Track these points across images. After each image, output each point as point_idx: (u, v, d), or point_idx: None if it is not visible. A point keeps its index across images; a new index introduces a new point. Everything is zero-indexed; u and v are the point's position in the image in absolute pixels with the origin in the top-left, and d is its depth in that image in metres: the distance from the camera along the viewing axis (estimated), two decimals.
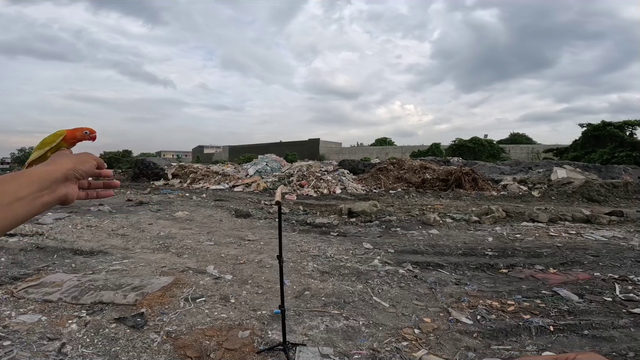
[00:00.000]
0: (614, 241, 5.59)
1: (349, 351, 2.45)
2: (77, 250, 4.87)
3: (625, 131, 23.15)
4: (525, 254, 4.89)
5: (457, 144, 33.20)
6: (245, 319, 2.90)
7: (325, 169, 16.01)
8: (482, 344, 2.56)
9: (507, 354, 2.42)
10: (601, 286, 3.63)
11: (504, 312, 3.06)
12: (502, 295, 3.43)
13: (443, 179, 13.69)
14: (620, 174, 15.43)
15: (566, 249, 5.13)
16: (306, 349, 2.45)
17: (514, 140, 43.40)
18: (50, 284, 3.51)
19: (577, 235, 6.02)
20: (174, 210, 8.64)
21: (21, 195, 0.47)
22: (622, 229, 6.61)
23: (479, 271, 4.20)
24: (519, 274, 4.06)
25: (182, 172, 17.53)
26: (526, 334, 2.69)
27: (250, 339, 2.59)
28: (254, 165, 18.30)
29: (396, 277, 3.93)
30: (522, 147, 37.13)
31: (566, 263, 4.44)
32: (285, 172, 15.88)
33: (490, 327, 2.79)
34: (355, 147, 50.92)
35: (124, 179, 19.56)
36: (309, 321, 2.88)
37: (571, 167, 15.32)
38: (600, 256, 4.70)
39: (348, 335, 2.68)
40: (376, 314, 3.03)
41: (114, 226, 6.56)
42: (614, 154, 21.45)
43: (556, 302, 3.25)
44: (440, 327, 2.81)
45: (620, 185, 11.03)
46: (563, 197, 10.85)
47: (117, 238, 5.71)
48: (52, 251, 4.77)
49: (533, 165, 18.09)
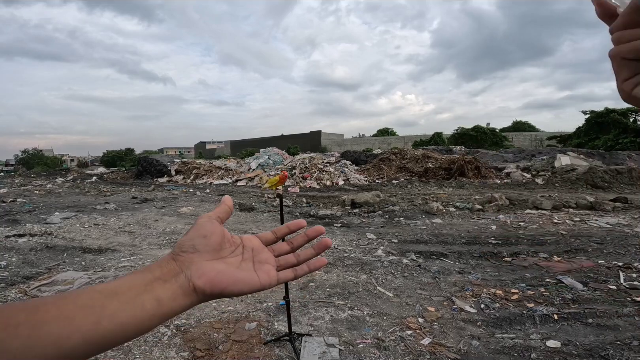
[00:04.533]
0: (619, 228, 5.58)
1: (354, 340, 2.49)
2: (86, 248, 4.94)
3: (629, 117, 22.92)
4: (528, 242, 4.90)
5: (459, 132, 32.99)
6: (252, 311, 2.95)
7: (328, 161, 16.01)
8: (486, 333, 2.59)
9: (511, 343, 2.45)
10: (605, 274, 3.64)
11: (508, 301, 3.09)
12: (506, 284, 3.46)
13: (446, 167, 13.66)
14: (624, 160, 15.32)
15: (570, 236, 5.13)
16: (312, 339, 2.49)
17: (516, 128, 43.06)
18: (61, 282, 3.57)
19: (581, 223, 6.02)
20: (178, 206, 8.71)
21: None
22: (626, 215, 6.59)
23: (483, 260, 4.22)
24: (522, 262, 4.08)
25: (185, 169, 17.61)
26: (530, 323, 2.72)
27: (257, 331, 2.64)
28: (256, 159, 18.32)
29: (400, 267, 3.97)
30: (525, 134, 36.87)
31: (570, 251, 4.45)
32: (288, 165, 15.90)
33: (494, 316, 2.82)
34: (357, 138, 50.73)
35: (127, 177, 19.68)
36: (314, 312, 2.93)
37: (575, 154, 15.23)
38: (604, 243, 4.71)
39: (353, 325, 2.72)
40: (380, 304, 3.06)
41: (121, 224, 6.63)
42: (618, 140, 21.30)
43: (560, 290, 3.27)
44: (444, 316, 2.84)
45: (624, 172, 10.95)
46: (567, 184, 10.81)
47: (124, 235, 5.77)
48: (62, 250, 4.84)
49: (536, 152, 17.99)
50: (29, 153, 42.88)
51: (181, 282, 0.36)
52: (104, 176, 21.22)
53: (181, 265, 0.37)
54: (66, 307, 0.30)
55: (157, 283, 0.35)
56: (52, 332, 0.29)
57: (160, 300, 0.35)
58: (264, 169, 16.43)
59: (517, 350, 2.34)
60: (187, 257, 0.38)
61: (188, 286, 0.36)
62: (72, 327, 0.29)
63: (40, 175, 23.50)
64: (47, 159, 42.38)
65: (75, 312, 0.30)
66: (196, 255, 0.38)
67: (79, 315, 0.30)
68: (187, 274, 0.37)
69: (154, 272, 0.36)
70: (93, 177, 19.81)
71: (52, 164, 40.14)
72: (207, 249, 0.39)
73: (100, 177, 20.59)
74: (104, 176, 21.20)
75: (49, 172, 27.87)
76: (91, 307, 0.31)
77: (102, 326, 0.31)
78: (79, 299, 0.31)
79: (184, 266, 0.37)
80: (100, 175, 22.03)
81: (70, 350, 0.29)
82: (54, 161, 42.61)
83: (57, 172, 26.53)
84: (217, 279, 0.37)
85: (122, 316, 0.32)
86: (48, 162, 40.25)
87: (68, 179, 19.24)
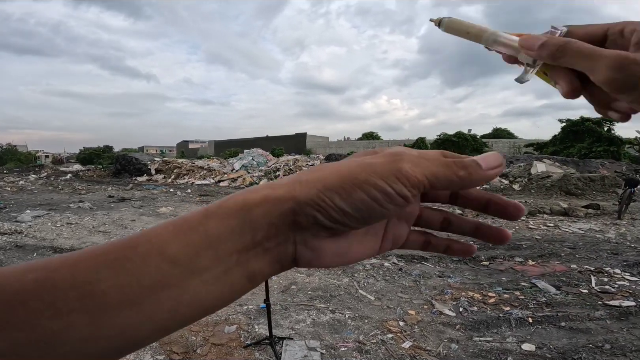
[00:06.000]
0: (591, 234, 5.80)
1: (336, 344, 2.48)
2: (57, 248, 4.76)
3: (602, 127, 23.92)
4: (505, 246, 5.02)
5: (442, 138, 33.67)
6: (232, 314, 2.90)
7: (312, 164, 16.02)
8: (464, 336, 2.63)
9: (489, 346, 2.50)
10: (578, 278, 3.77)
11: (485, 304, 3.15)
12: (484, 287, 3.53)
13: None
14: (597, 168, 15.97)
15: (544, 241, 5.30)
16: (293, 342, 2.47)
17: (496, 135, 44.29)
18: None
19: (555, 228, 6.22)
20: (157, 206, 8.51)
21: (200, 264, 0.23)
22: (598, 221, 6.86)
23: (461, 263, 4.30)
24: (499, 266, 4.18)
25: (166, 168, 17.25)
26: (506, 326, 2.78)
27: (237, 334, 2.59)
28: (239, 160, 18.14)
29: (381, 271, 3.99)
30: (504, 141, 37.95)
31: (544, 255, 4.59)
32: (272, 166, 15.82)
33: (472, 319, 2.87)
34: (342, 142, 51.00)
35: (104, 175, 19.12)
36: (296, 315, 2.90)
37: (550, 161, 15.76)
38: (577, 248, 4.88)
39: (334, 328, 2.71)
40: (362, 307, 3.07)
41: (95, 223, 6.42)
42: (592, 149, 22.20)
43: (534, 294, 3.37)
44: (424, 319, 2.87)
45: (597, 179, 11.43)
46: (542, 191, 11.17)
47: (98, 235, 5.59)
48: (32, 249, 4.64)
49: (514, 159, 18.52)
50: (2, 148, 41.11)
51: (283, 254, 0.25)
52: (79, 174, 20.52)
53: (295, 228, 0.25)
54: (129, 288, 0.22)
55: (256, 252, 0.24)
56: (117, 324, 0.22)
57: (252, 277, 0.25)
58: (247, 170, 16.28)
59: (494, 354, 2.39)
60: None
61: (286, 260, 0.26)
62: (141, 316, 0.22)
63: (13, 172, 22.53)
64: (21, 154, 40.74)
65: (143, 296, 0.22)
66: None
67: (149, 301, 0.22)
68: (298, 243, 0.25)
69: (257, 231, 0.24)
70: (68, 175, 19.13)
71: (26, 160, 38.57)
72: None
73: (75, 174, 19.90)
74: (80, 174, 20.51)
75: (22, 168, 26.76)
76: (165, 288, 0.22)
77: (179, 314, 0.23)
78: (143, 274, 0.22)
79: (297, 231, 0.25)
80: (76, 172, 21.29)
81: (140, 340, 0.23)
82: (28, 157, 40.99)
83: (30, 168, 25.49)
84: (325, 262, 0.27)
85: (205, 300, 0.24)
86: (21, 158, 38.67)
87: (41, 175, 18.52)
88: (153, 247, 0.23)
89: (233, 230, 0.24)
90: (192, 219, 0.24)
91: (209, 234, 0.23)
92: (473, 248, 0.31)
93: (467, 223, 0.30)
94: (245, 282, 0.25)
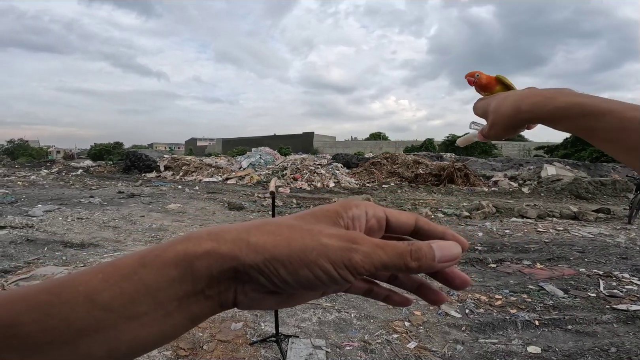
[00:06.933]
0: (600, 238, 5.72)
1: (341, 343, 2.50)
2: (68, 242, 4.84)
3: None
4: (513, 249, 4.99)
5: (450, 139, 33.46)
6: (238, 311, 2.93)
7: (319, 163, 16.03)
8: (470, 337, 2.62)
9: (494, 348, 2.49)
10: (586, 282, 3.73)
11: (492, 306, 3.14)
12: (490, 290, 3.51)
13: (435, 174, 13.81)
14: (608, 172, 15.73)
15: (553, 244, 5.24)
16: (299, 340, 2.49)
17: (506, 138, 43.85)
18: (41, 277, 3.49)
19: (565, 232, 6.15)
20: (166, 202, 8.60)
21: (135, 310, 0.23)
22: (608, 226, 6.76)
23: (469, 265, 4.28)
24: (506, 269, 4.15)
25: (174, 165, 17.41)
26: (512, 328, 2.77)
27: (243, 331, 2.62)
28: (247, 158, 18.22)
29: None
30: (513, 144, 37.57)
31: (553, 259, 4.54)
32: (279, 165, 15.86)
33: (478, 321, 2.86)
34: (350, 141, 50.93)
35: (115, 171, 19.37)
36: (302, 314, 2.92)
37: (561, 165, 15.57)
38: (586, 252, 4.82)
39: (340, 327, 2.73)
40: (367, 307, 3.08)
41: (105, 218, 6.52)
42: (603, 153, 21.81)
43: (542, 297, 3.34)
44: (429, 320, 2.87)
45: (608, 183, 11.24)
46: (552, 194, 11.03)
47: (108, 230, 5.67)
48: (43, 244, 4.73)
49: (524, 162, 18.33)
50: (14, 143, 41.85)
51: (224, 300, 0.26)
52: (90, 169, 20.81)
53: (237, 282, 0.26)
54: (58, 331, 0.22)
55: (197, 299, 0.25)
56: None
57: (195, 319, 0.26)
58: (255, 168, 16.36)
59: (500, 356, 2.38)
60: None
61: (227, 304, 0.26)
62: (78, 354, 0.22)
63: (25, 166, 22.93)
64: (33, 149, 41.46)
65: (76, 337, 0.22)
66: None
67: (84, 341, 0.22)
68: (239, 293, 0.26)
69: (198, 282, 0.24)
70: (79, 170, 19.42)
71: (38, 155, 39.24)
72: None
73: (86, 170, 20.20)
74: (90, 169, 20.80)
75: (33, 163, 27.22)
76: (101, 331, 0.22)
77: (120, 352, 0.23)
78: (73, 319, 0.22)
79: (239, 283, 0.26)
80: (87, 168, 21.60)
81: None
82: (40, 152, 41.72)
83: (41, 163, 25.90)
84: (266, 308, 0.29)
85: (147, 338, 0.24)
86: (33, 153, 39.34)
87: (53, 171, 18.82)
88: (79, 294, 0.22)
89: (173, 279, 0.24)
90: (125, 267, 0.24)
91: (145, 283, 0.23)
92: (410, 301, 0.34)
93: (411, 281, 0.33)
94: (188, 322, 0.25)
